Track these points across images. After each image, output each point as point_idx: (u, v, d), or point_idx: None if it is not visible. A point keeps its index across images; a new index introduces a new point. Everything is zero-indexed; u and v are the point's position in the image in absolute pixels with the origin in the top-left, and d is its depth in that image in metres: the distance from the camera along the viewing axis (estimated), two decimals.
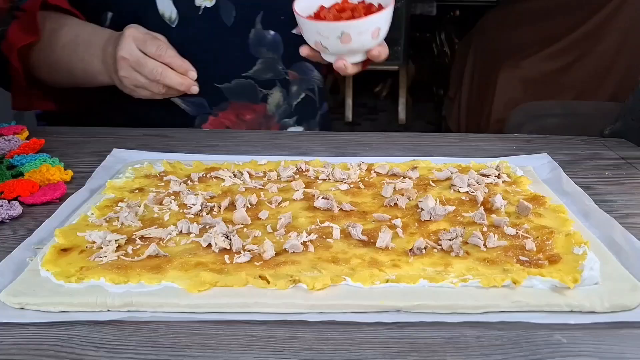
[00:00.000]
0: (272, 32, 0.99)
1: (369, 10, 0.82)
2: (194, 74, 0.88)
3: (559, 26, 1.92)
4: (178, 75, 0.87)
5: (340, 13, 0.80)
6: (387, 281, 0.50)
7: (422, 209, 0.63)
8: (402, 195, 0.67)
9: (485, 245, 0.56)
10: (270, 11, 0.97)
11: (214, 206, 0.64)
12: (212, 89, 0.97)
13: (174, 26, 0.93)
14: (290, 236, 0.57)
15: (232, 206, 0.65)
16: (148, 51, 0.85)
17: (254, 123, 1.02)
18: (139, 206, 0.64)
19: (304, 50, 0.87)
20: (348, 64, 0.85)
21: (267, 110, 1.03)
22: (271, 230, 0.59)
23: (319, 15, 0.83)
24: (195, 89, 0.89)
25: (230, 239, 0.55)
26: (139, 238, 0.57)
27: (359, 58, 0.85)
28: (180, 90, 0.88)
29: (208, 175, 0.73)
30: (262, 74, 0.99)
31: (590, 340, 0.45)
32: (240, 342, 0.44)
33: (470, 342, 0.44)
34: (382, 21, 0.80)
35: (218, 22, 0.95)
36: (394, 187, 0.69)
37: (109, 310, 0.47)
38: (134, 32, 0.85)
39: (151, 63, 0.84)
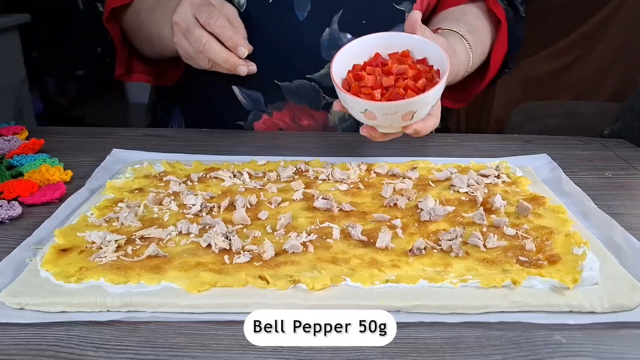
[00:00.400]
0: (349, 36, 0.89)
1: (424, 76, 0.68)
2: (243, 50, 0.78)
3: (558, 26, 1.92)
4: (224, 50, 0.78)
5: (387, 73, 0.68)
6: (386, 281, 0.50)
7: (421, 209, 0.63)
8: (402, 195, 0.67)
9: (484, 245, 0.56)
10: (350, 11, 0.88)
11: (214, 206, 0.64)
12: (271, 84, 0.93)
13: (242, 10, 0.87)
14: (289, 236, 0.57)
15: (231, 206, 0.65)
16: (199, 18, 0.77)
17: (311, 130, 0.96)
18: (139, 206, 0.64)
19: (336, 106, 0.73)
20: (376, 134, 0.72)
21: (329, 120, 0.96)
22: (271, 231, 0.59)
23: (365, 67, 0.70)
24: (242, 70, 0.80)
25: (230, 239, 0.55)
26: (138, 238, 0.57)
27: (388, 131, 0.72)
28: (224, 67, 0.80)
29: (208, 176, 0.73)
30: (328, 79, 0.79)
31: (590, 341, 0.45)
32: (239, 342, 0.44)
33: (469, 343, 0.44)
34: (417, 105, 0.66)
35: (290, 14, 0.88)
36: (394, 188, 0.69)
37: (108, 311, 0.47)
38: None
39: (198, 32, 0.77)
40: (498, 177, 0.73)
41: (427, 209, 0.63)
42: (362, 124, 0.72)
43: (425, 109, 0.68)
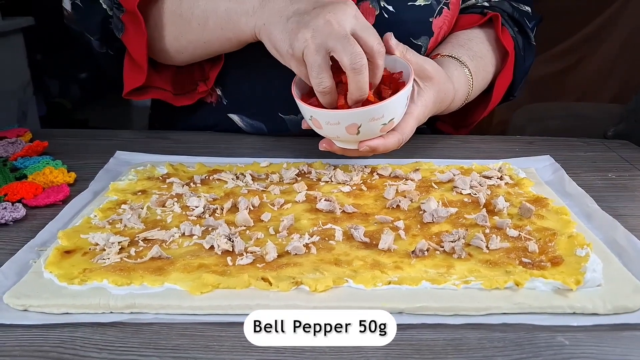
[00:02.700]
0: None
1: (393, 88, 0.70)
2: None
3: (562, 28, 1.91)
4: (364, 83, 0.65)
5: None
6: (389, 283, 0.50)
7: (424, 211, 0.63)
8: (405, 197, 0.67)
9: (487, 247, 0.56)
10: None
11: (217, 208, 0.65)
12: (275, 117, 0.91)
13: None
14: (292, 238, 0.57)
15: (234, 208, 0.65)
16: (339, 50, 0.63)
17: None
18: (142, 208, 0.64)
19: (304, 124, 0.75)
20: (334, 147, 0.72)
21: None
22: (273, 232, 0.59)
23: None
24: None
25: (232, 241, 0.56)
26: (141, 240, 0.57)
27: (346, 146, 0.72)
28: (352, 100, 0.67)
29: (211, 178, 0.74)
30: None
31: (593, 343, 0.45)
32: (242, 343, 0.44)
33: (472, 344, 0.44)
34: (359, 118, 0.65)
35: None
36: (397, 189, 0.69)
37: (111, 312, 0.48)
38: None
39: (358, 47, 0.63)
40: (501, 178, 0.73)
41: (429, 210, 0.63)
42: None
43: (372, 124, 0.66)
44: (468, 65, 0.84)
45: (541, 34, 1.00)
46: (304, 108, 0.69)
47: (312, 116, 0.69)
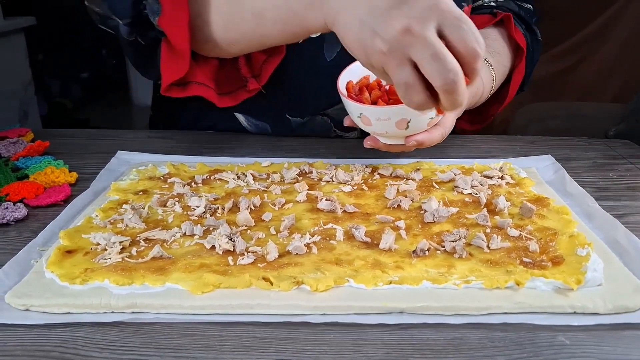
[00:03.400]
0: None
1: None
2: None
3: (563, 28, 1.91)
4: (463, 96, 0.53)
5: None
6: (390, 283, 0.50)
7: (425, 211, 0.63)
8: (406, 196, 0.67)
9: (488, 246, 0.56)
10: None
11: (218, 208, 0.65)
12: (281, 118, 0.91)
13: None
14: (293, 238, 0.57)
15: (235, 208, 0.65)
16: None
17: None
18: (143, 208, 0.64)
19: (346, 120, 0.74)
20: (379, 144, 0.71)
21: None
22: (274, 232, 0.59)
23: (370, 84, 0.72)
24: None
25: (233, 241, 0.56)
26: (143, 240, 0.57)
27: (391, 142, 0.71)
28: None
29: (212, 177, 0.74)
30: (343, 114, 0.78)
31: (594, 342, 0.45)
32: (243, 343, 0.44)
33: (473, 344, 0.44)
34: (409, 113, 0.65)
35: (318, 55, 0.81)
36: (397, 189, 0.69)
37: (113, 312, 0.48)
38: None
39: (450, 60, 0.51)
40: (502, 178, 0.73)
41: (430, 210, 0.63)
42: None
43: (421, 119, 0.67)
44: (490, 61, 0.86)
45: (542, 34, 1.01)
46: (353, 105, 0.69)
47: (362, 113, 0.68)
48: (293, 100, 0.83)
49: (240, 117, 0.94)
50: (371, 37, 0.53)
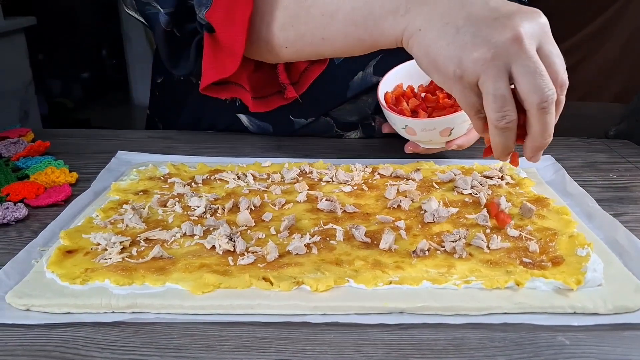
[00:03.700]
0: (380, 78, 0.83)
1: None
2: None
3: (563, 28, 1.91)
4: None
5: (433, 95, 0.75)
6: (390, 283, 0.50)
7: (425, 211, 0.63)
8: (406, 197, 0.67)
9: (488, 247, 0.56)
10: (388, 57, 0.82)
11: (218, 208, 0.65)
12: (285, 119, 0.91)
13: None
14: (293, 238, 0.57)
15: (235, 208, 0.65)
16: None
17: None
18: (144, 208, 0.64)
19: (385, 128, 0.81)
20: (419, 149, 0.78)
21: None
22: (274, 232, 0.59)
23: (407, 93, 0.79)
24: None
25: (234, 241, 0.56)
26: (143, 240, 0.57)
27: (435, 146, 0.78)
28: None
29: (212, 178, 0.74)
30: (346, 115, 0.83)
31: (594, 342, 0.45)
32: (243, 343, 0.44)
33: (472, 344, 0.45)
34: (454, 122, 0.71)
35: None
36: (398, 189, 0.69)
37: (113, 312, 0.48)
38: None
39: (550, 80, 0.50)
40: (502, 178, 0.73)
41: (430, 210, 0.63)
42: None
43: (463, 125, 0.73)
44: None
45: None
46: (397, 118, 0.74)
47: (407, 125, 0.73)
48: (297, 101, 0.80)
49: (243, 117, 0.93)
50: (472, 43, 0.50)
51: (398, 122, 0.75)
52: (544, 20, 0.51)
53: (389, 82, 0.80)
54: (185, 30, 0.72)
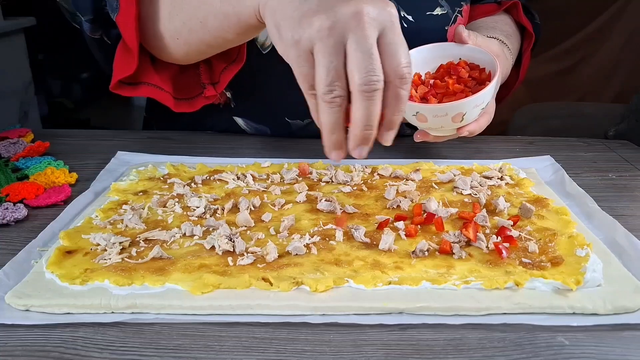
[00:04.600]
0: None
1: (478, 80, 0.73)
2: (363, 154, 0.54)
3: (563, 28, 1.91)
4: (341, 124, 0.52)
5: (441, 81, 0.73)
6: (389, 283, 0.50)
7: (425, 211, 0.63)
8: (405, 197, 0.67)
9: (487, 247, 0.56)
10: None
11: (218, 208, 0.65)
12: (281, 121, 0.91)
13: (264, 52, 0.83)
14: (293, 238, 0.57)
15: (235, 208, 0.65)
16: (354, 56, 0.49)
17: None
18: (143, 209, 0.64)
19: None
20: (429, 137, 0.75)
21: None
22: (274, 233, 0.59)
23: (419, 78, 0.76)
24: (333, 157, 0.56)
25: (233, 241, 0.56)
26: (142, 240, 0.57)
27: (445, 134, 0.75)
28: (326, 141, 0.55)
29: (211, 178, 0.74)
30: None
31: (593, 343, 0.45)
32: (243, 343, 0.45)
33: (472, 344, 0.45)
34: (465, 107, 0.69)
35: None
36: (397, 189, 0.69)
37: (112, 312, 0.48)
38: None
39: (378, 65, 0.49)
40: (501, 178, 0.73)
41: (430, 210, 0.63)
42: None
43: (475, 110, 0.71)
44: (507, 43, 0.88)
45: (542, 34, 1.02)
46: (408, 105, 0.69)
47: (419, 112, 0.71)
48: (293, 103, 0.81)
49: (239, 120, 0.94)
50: (314, 11, 0.49)
51: (408, 110, 0.72)
52: (393, 11, 0.50)
53: None
54: (113, 36, 0.76)
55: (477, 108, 0.70)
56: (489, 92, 0.70)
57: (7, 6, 2.15)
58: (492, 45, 0.77)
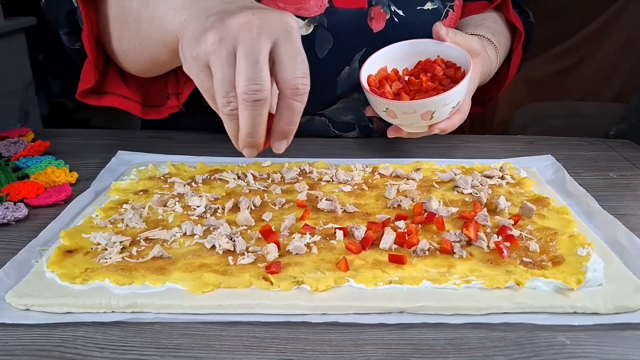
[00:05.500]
0: None
1: (453, 79, 0.74)
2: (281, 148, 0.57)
3: (563, 27, 1.91)
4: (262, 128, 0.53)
5: (417, 78, 0.74)
6: (390, 282, 0.50)
7: (425, 211, 0.63)
8: (406, 196, 0.67)
9: (488, 246, 0.56)
10: (373, 50, 0.80)
11: (218, 208, 0.65)
12: None
13: None
14: (293, 238, 0.57)
15: (235, 208, 0.65)
16: (242, 68, 0.50)
17: None
18: (144, 208, 0.64)
19: (368, 111, 0.79)
20: (402, 134, 0.77)
21: None
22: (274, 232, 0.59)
23: (391, 75, 0.77)
24: (247, 153, 0.57)
25: (234, 241, 0.56)
26: (143, 240, 0.57)
27: (417, 130, 0.77)
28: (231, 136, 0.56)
29: (212, 177, 0.74)
30: (340, 114, 0.84)
31: (594, 342, 0.45)
32: (243, 343, 0.44)
33: (473, 344, 0.44)
34: (434, 105, 0.70)
35: (309, 52, 0.77)
36: (398, 189, 0.69)
37: (113, 312, 0.48)
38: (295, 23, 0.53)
39: (265, 76, 0.50)
40: (502, 178, 0.73)
41: (431, 210, 0.63)
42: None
43: (444, 109, 0.71)
44: (493, 40, 0.88)
45: (542, 33, 1.02)
46: (378, 101, 0.72)
47: (388, 108, 0.72)
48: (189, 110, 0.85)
49: None
50: (210, 28, 0.50)
51: (379, 105, 0.74)
52: (290, 21, 0.51)
53: (374, 65, 0.79)
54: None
55: (447, 107, 0.71)
56: (459, 91, 0.71)
57: (8, 6, 2.15)
58: (472, 42, 0.76)
